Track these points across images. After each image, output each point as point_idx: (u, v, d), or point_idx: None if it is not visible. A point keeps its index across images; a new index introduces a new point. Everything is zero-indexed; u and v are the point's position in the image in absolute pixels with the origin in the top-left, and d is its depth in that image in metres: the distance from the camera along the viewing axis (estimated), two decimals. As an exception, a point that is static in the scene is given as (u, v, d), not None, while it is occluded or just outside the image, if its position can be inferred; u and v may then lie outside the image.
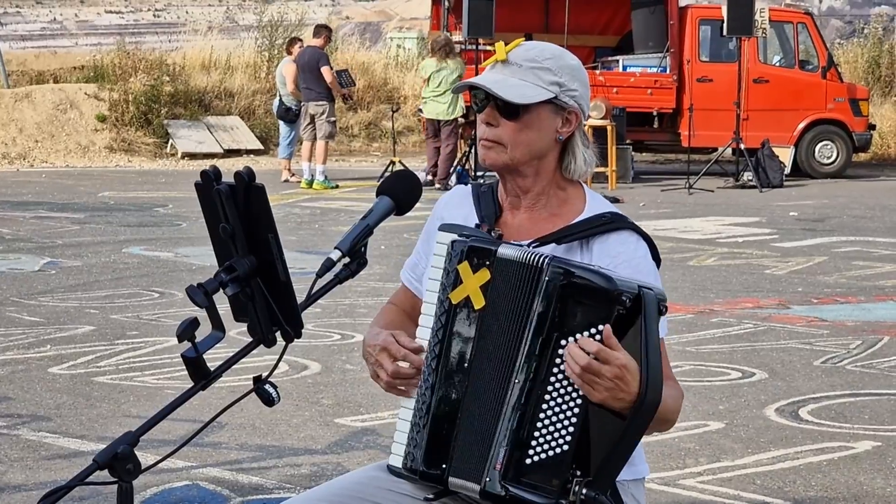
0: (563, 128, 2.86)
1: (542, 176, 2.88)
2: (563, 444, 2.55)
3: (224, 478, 5.38)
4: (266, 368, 2.51)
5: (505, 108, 2.82)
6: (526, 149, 2.84)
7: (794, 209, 16.20)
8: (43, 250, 11.76)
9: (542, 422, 2.56)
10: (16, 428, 6.09)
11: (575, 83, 2.85)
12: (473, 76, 3.09)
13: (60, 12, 58.05)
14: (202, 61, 26.21)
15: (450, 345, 2.70)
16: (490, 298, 2.66)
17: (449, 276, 2.71)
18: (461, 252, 2.70)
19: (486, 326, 2.66)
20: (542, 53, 2.85)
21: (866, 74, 28.11)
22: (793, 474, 5.55)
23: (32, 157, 22.24)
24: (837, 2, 50.77)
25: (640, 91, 20.81)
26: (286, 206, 16.00)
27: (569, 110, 2.85)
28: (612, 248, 2.82)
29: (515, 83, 2.81)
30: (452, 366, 2.70)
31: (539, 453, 2.56)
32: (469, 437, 2.66)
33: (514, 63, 2.84)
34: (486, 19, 18.59)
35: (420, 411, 2.73)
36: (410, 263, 3.11)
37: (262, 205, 2.37)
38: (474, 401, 2.66)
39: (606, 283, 2.52)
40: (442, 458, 2.69)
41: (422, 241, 3.07)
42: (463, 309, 2.69)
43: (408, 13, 52.04)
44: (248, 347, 2.42)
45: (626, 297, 2.50)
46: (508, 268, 2.64)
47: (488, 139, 2.85)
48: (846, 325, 8.73)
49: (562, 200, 2.91)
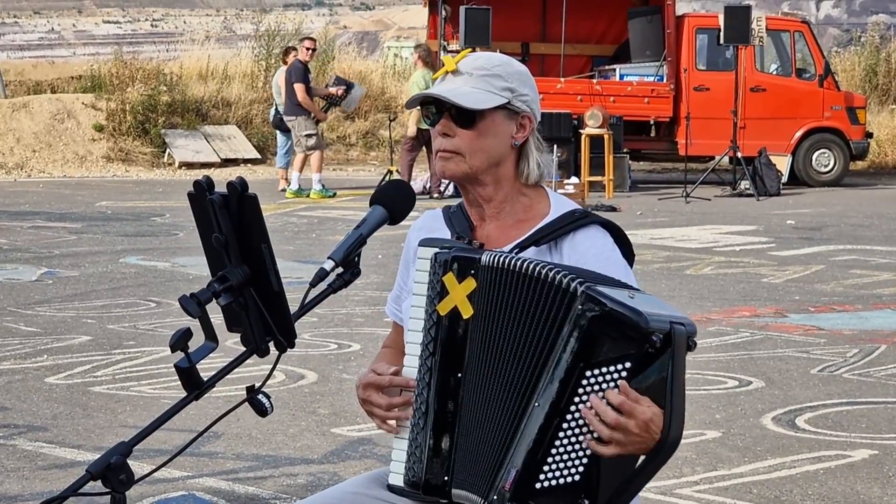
0: (518, 133, 2.86)
1: (502, 183, 2.88)
2: (575, 473, 2.53)
3: (220, 488, 5.38)
4: (263, 378, 2.51)
5: (460, 117, 2.82)
6: (484, 156, 2.84)
7: (792, 218, 16.20)
8: (40, 260, 11.75)
9: (558, 449, 2.53)
10: (12, 438, 6.09)
11: (525, 88, 2.86)
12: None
13: (58, 22, 58.15)
14: (199, 71, 26.25)
15: (442, 356, 2.69)
16: (478, 307, 2.65)
17: (434, 288, 2.70)
18: (445, 263, 2.69)
19: (478, 335, 2.65)
20: (490, 61, 2.87)
21: (863, 83, 28.14)
22: (790, 483, 5.54)
23: (30, 167, 22.25)
24: (835, 10, 50.89)
25: (636, 100, 20.81)
26: (283, 216, 16.01)
27: (522, 115, 2.86)
28: (578, 245, 2.82)
29: (468, 91, 2.82)
30: (447, 377, 2.68)
31: (550, 479, 2.54)
32: (473, 449, 2.64)
33: (465, 72, 2.85)
34: (483, 28, 18.63)
35: (418, 426, 2.71)
36: (393, 296, 3.11)
37: (254, 214, 2.36)
38: (478, 414, 2.64)
39: (638, 319, 2.46)
40: (444, 470, 2.68)
41: (401, 271, 3.07)
42: (452, 320, 2.68)
43: (405, 23, 52.16)
44: (241, 357, 2.42)
45: (656, 336, 2.45)
46: (500, 276, 2.62)
47: (446, 150, 2.85)
48: (843, 334, 8.73)
49: (526, 206, 2.91)
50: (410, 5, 75.52)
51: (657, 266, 11.71)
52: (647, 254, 12.35)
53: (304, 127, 18.18)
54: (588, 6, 21.71)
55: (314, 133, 18.30)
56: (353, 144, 25.84)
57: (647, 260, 11.94)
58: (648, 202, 18.28)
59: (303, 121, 18.14)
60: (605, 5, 22.16)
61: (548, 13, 22.15)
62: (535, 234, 2.85)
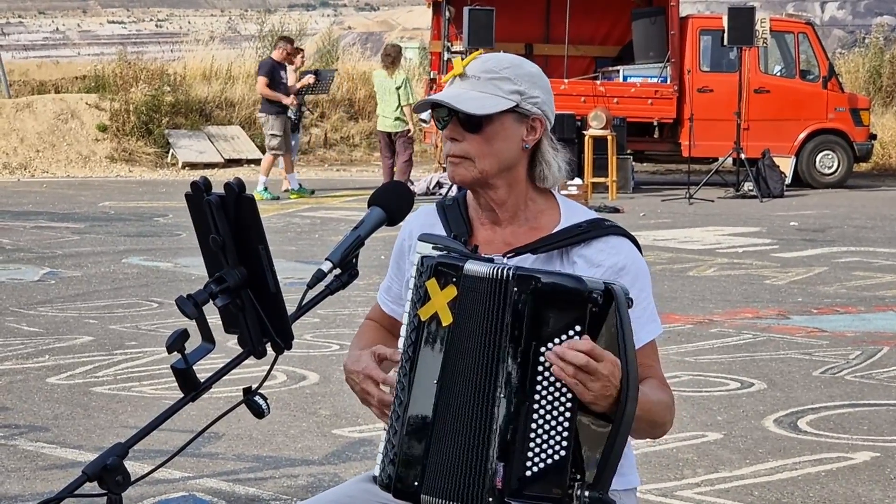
0: (529, 136, 2.85)
1: (515, 187, 2.87)
2: (559, 449, 2.53)
3: (221, 488, 5.37)
4: (263, 377, 2.51)
5: (467, 122, 2.81)
6: (494, 160, 2.82)
7: (795, 219, 16.19)
8: (43, 260, 11.76)
9: (536, 431, 2.54)
10: (13, 438, 6.09)
11: (536, 90, 2.85)
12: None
13: (63, 22, 58.25)
14: (203, 71, 26.25)
15: (419, 362, 2.68)
16: (457, 315, 2.64)
17: (418, 292, 2.69)
18: (429, 268, 2.68)
19: (455, 343, 2.64)
20: (499, 64, 2.85)
21: (867, 84, 28.13)
22: (791, 485, 5.54)
23: (33, 167, 22.26)
24: (840, 12, 50.92)
25: (640, 101, 20.80)
26: (286, 216, 16.01)
27: (532, 118, 2.84)
28: (595, 257, 2.81)
29: (475, 95, 2.80)
30: (422, 383, 2.67)
31: (537, 463, 2.54)
32: (449, 457, 2.62)
33: (473, 76, 2.83)
34: (487, 29, 18.62)
35: (392, 428, 2.71)
36: (384, 286, 3.12)
37: (252, 216, 2.36)
38: (453, 420, 2.63)
39: (576, 284, 2.51)
40: (414, 476, 2.67)
41: (392, 263, 3.07)
42: (432, 326, 2.67)
43: (409, 23, 52.20)
44: (238, 359, 2.42)
45: (596, 294, 2.49)
46: (476, 284, 2.62)
47: (455, 155, 2.84)
48: (846, 336, 8.72)
49: (538, 211, 2.90)
50: (415, 6, 75.57)
51: (660, 267, 11.70)
52: (649, 255, 12.34)
53: (270, 126, 18.04)
54: (592, 7, 21.71)
55: (279, 135, 17.99)
56: (357, 145, 25.83)
57: (649, 261, 11.82)
58: (651, 203, 18.27)
59: (272, 120, 17.96)
60: (608, 6, 22.14)
61: (551, 14, 22.14)
62: (535, 242, 2.84)
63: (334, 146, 25.65)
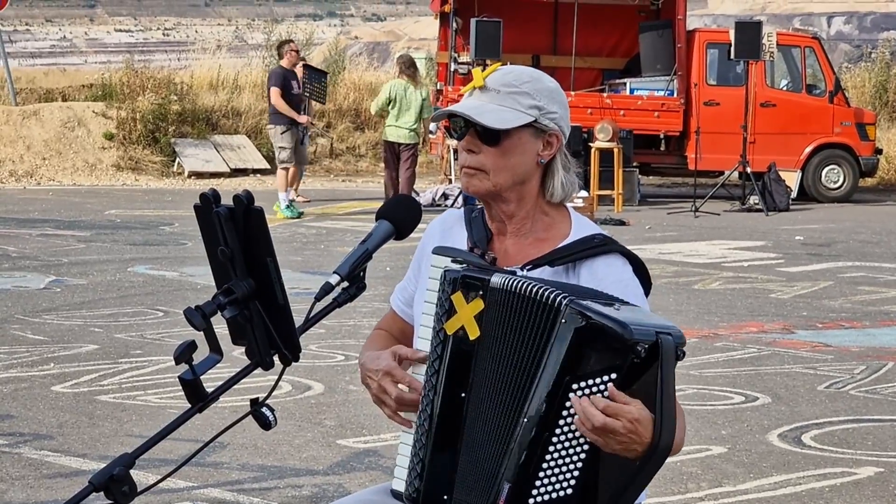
0: (545, 151, 2.85)
1: (526, 200, 2.87)
2: (567, 487, 2.53)
3: (225, 498, 5.38)
4: (270, 388, 2.51)
5: (485, 135, 2.80)
6: (508, 174, 2.82)
7: (800, 233, 16.19)
8: (48, 268, 11.77)
9: (548, 463, 2.53)
10: (18, 446, 6.09)
11: (554, 105, 2.84)
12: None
13: (70, 30, 58.26)
14: (210, 80, 26.27)
15: (447, 376, 2.67)
16: (485, 328, 2.63)
17: (443, 306, 2.68)
18: (454, 282, 2.67)
19: (484, 357, 2.64)
20: (519, 77, 2.84)
21: (873, 99, 28.12)
22: (795, 500, 5.53)
23: (40, 175, 22.28)
24: (846, 26, 50.90)
25: (647, 114, 20.82)
26: (292, 226, 16.02)
27: (549, 133, 2.84)
28: (598, 271, 2.80)
29: (494, 108, 2.80)
30: (451, 398, 2.67)
31: (543, 494, 2.54)
32: (472, 470, 2.63)
33: (492, 89, 2.82)
34: (494, 41, 18.64)
35: (419, 442, 2.70)
36: (400, 287, 3.11)
37: (260, 228, 2.36)
38: (479, 433, 2.63)
39: (622, 331, 2.45)
40: (443, 490, 2.67)
41: (413, 263, 3.07)
42: (458, 339, 2.66)
43: (416, 34, 52.21)
44: (245, 370, 2.42)
45: (641, 346, 2.44)
46: (506, 299, 2.61)
47: (470, 166, 2.84)
48: (851, 351, 8.71)
49: (547, 224, 2.89)
50: (422, 17, 75.66)
51: (665, 281, 11.70)
52: (655, 268, 12.33)
53: (279, 139, 17.34)
54: (599, 19, 21.74)
55: (288, 147, 17.28)
56: (363, 155, 25.85)
57: (655, 274, 11.85)
58: (657, 216, 18.27)
59: (279, 132, 17.29)
60: (616, 19, 22.17)
61: (559, 26, 22.17)
62: (551, 255, 2.84)
63: (340, 156, 25.66)
